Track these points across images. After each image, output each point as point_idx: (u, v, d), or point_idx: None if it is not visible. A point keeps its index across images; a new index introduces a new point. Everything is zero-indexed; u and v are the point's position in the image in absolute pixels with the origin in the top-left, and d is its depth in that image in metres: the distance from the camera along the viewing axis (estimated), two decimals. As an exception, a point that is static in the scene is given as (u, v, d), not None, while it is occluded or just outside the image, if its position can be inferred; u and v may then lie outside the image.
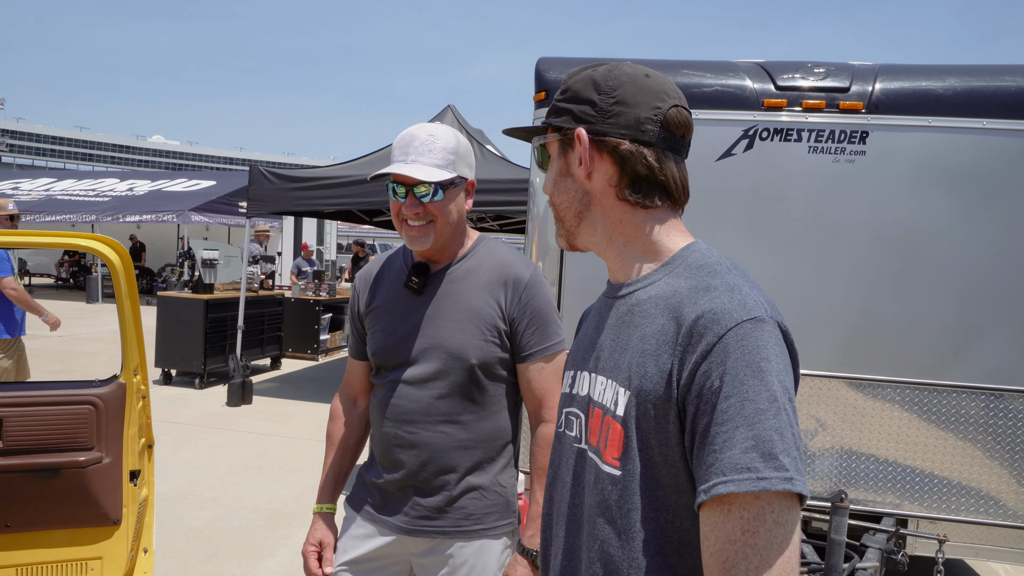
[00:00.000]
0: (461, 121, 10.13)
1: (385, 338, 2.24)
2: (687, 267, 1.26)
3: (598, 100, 1.31)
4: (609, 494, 1.22)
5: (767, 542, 1.02)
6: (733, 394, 1.06)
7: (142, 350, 3.42)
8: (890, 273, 4.25)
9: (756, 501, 1.02)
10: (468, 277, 2.22)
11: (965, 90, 4.17)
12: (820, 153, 4.28)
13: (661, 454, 1.16)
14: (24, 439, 3.15)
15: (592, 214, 1.36)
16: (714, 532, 1.05)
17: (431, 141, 2.13)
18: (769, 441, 1.03)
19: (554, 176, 1.41)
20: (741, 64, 4.52)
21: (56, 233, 3.22)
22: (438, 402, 2.17)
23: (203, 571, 4.73)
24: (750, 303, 1.13)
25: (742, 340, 1.09)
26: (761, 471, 1.01)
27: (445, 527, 2.21)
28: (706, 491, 1.05)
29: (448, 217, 2.17)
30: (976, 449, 4.24)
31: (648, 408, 1.17)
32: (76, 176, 27.44)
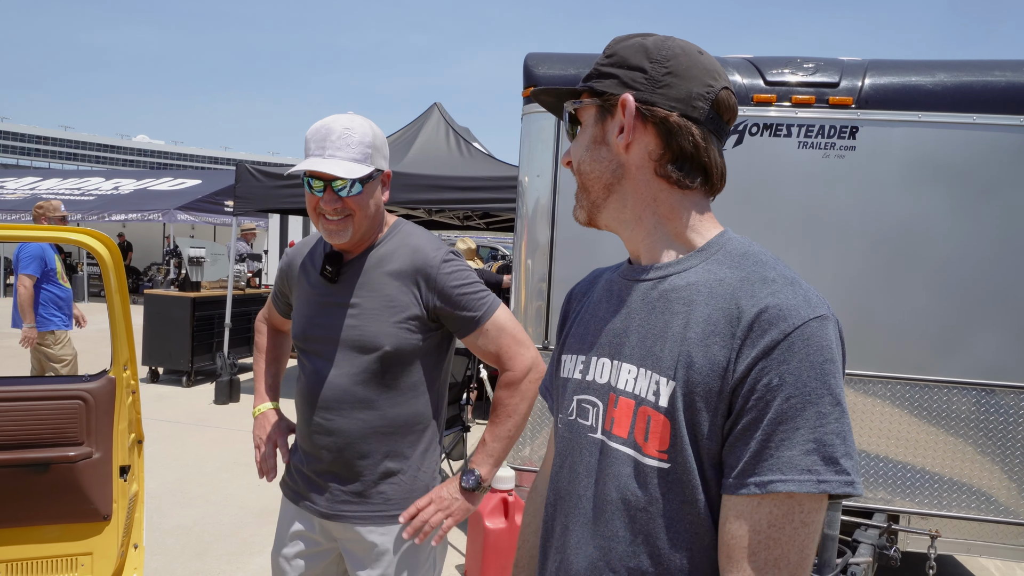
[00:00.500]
0: (448, 118, 10.12)
1: (305, 324, 2.28)
2: (727, 255, 1.22)
3: (649, 68, 1.24)
4: (654, 487, 1.16)
5: (790, 538, 1.03)
6: (795, 395, 1.04)
7: (132, 345, 3.40)
8: (880, 268, 4.26)
9: (789, 500, 1.03)
10: (382, 265, 2.23)
11: (954, 85, 4.19)
12: (810, 148, 4.30)
13: (707, 449, 1.12)
14: (13, 434, 3.13)
15: (623, 188, 1.28)
16: (740, 518, 1.06)
17: (348, 135, 2.12)
18: (831, 445, 1.02)
19: (586, 143, 1.31)
20: (730, 60, 4.53)
21: (47, 227, 3.19)
22: (354, 388, 2.19)
23: (192, 568, 4.70)
24: (814, 300, 1.11)
25: (808, 339, 1.06)
26: (822, 474, 1.01)
27: (365, 512, 2.23)
28: (760, 485, 1.04)
29: (366, 211, 2.18)
30: (967, 445, 4.26)
31: (696, 400, 1.12)
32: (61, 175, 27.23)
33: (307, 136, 2.16)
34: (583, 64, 4.62)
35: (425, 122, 9.99)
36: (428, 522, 2.17)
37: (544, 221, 4.66)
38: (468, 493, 2.22)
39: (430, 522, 2.17)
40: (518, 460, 4.80)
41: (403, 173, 8.30)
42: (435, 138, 9.66)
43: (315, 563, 2.35)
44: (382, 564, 2.22)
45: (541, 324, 4.69)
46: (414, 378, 2.24)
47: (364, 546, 2.23)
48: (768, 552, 1.03)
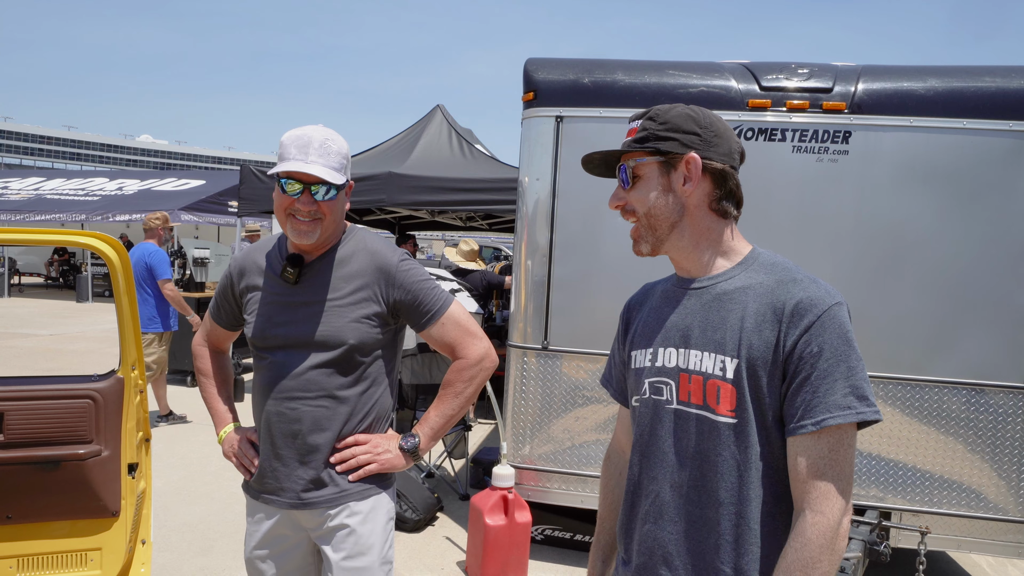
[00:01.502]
0: (450, 121, 10.18)
1: (264, 324, 2.39)
2: (761, 265, 1.67)
3: (701, 132, 1.67)
4: (727, 437, 1.60)
5: (844, 457, 1.50)
6: (832, 356, 1.50)
7: (139, 345, 3.48)
8: (873, 270, 4.34)
9: (838, 431, 1.49)
10: (342, 266, 2.39)
11: (946, 91, 4.27)
12: (804, 152, 4.38)
13: (770, 403, 1.57)
14: (25, 432, 3.21)
15: (683, 224, 1.70)
16: (807, 451, 1.51)
17: (328, 145, 2.28)
18: (861, 388, 1.50)
19: (654, 192, 1.70)
20: (726, 65, 4.61)
21: (54, 231, 3.28)
22: (317, 379, 2.33)
23: (198, 564, 4.79)
24: (832, 291, 1.57)
25: (834, 318, 1.52)
26: (858, 408, 1.49)
27: (329, 496, 2.36)
28: (816, 423, 1.49)
29: (335, 216, 2.35)
30: (958, 443, 4.34)
31: (757, 371, 1.57)
32: (65, 175, 27.31)
33: (285, 141, 2.30)
34: (580, 69, 4.70)
35: (428, 124, 10.07)
36: (356, 458, 2.36)
37: (544, 223, 4.75)
38: (403, 452, 2.41)
39: (358, 459, 2.36)
40: (518, 458, 4.88)
41: (406, 175, 8.38)
42: (438, 140, 9.73)
43: (288, 558, 2.46)
44: (349, 543, 2.36)
45: (541, 324, 4.77)
46: (372, 370, 2.41)
47: (332, 529, 2.37)
48: (832, 469, 1.49)
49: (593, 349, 4.71)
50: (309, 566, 2.51)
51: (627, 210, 1.75)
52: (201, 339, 2.75)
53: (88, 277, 21.93)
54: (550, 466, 4.86)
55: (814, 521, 1.47)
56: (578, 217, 4.69)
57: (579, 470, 4.81)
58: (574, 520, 5.22)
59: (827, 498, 1.48)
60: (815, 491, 1.49)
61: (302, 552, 2.47)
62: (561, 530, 5.30)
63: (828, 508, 1.47)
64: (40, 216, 20.81)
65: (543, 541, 5.31)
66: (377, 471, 2.37)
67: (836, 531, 1.47)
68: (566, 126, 4.69)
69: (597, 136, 4.61)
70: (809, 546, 1.47)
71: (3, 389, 3.21)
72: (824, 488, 1.48)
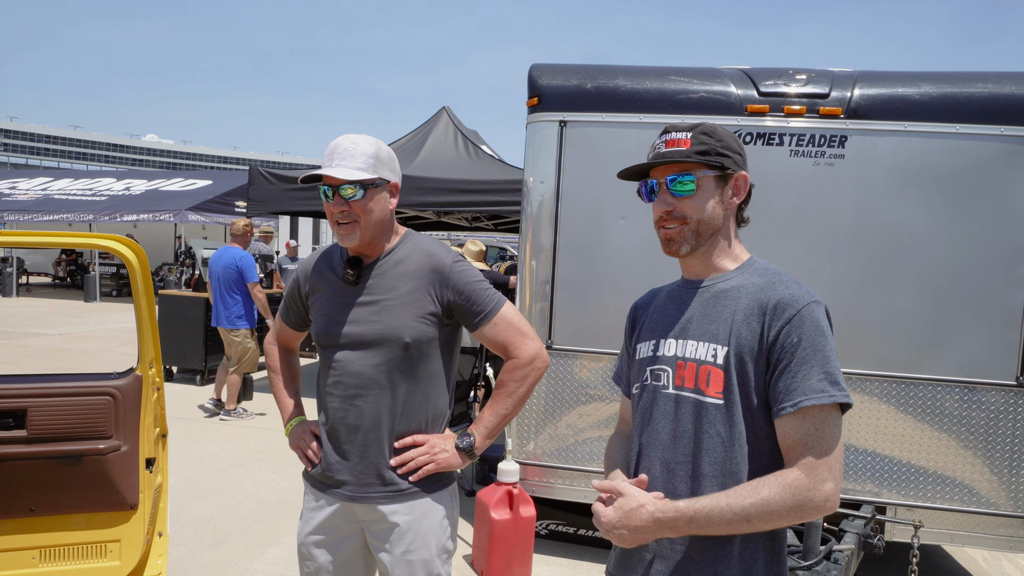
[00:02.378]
0: (456, 122, 10.28)
1: (327, 323, 2.52)
2: (756, 270, 1.89)
3: (742, 152, 1.92)
4: (715, 416, 1.79)
5: (829, 436, 1.67)
6: (809, 346, 1.69)
7: (157, 344, 3.61)
8: (869, 271, 4.45)
9: (820, 412, 1.67)
10: (398, 267, 2.49)
11: (939, 96, 4.37)
12: (801, 156, 4.49)
13: (755, 387, 1.76)
14: (47, 428, 3.33)
15: (719, 232, 1.92)
16: (793, 429, 1.69)
17: (353, 147, 2.40)
18: (834, 375, 1.69)
19: (710, 203, 1.88)
20: (726, 71, 4.72)
21: (73, 234, 3.40)
22: (377, 377, 2.44)
23: (211, 557, 4.91)
24: (811, 293, 1.77)
25: (811, 313, 1.72)
26: (830, 392, 1.67)
27: (387, 492, 2.46)
28: (793, 404, 1.68)
29: (370, 215, 2.43)
30: (952, 440, 4.44)
31: (744, 357, 1.76)
32: (73, 175, 27.46)
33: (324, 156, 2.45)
34: (584, 75, 4.81)
35: (434, 126, 10.17)
36: (415, 459, 2.45)
37: (548, 225, 4.86)
38: (460, 452, 2.49)
39: (416, 460, 2.45)
40: (523, 454, 4.99)
41: (413, 176, 8.48)
42: (444, 141, 9.83)
43: (341, 547, 2.56)
44: (404, 541, 2.46)
45: (544, 324, 4.88)
46: (430, 368, 2.50)
47: (387, 525, 2.47)
48: (819, 445, 1.66)
49: (596, 348, 4.82)
50: (359, 558, 2.60)
51: (674, 216, 1.89)
52: (272, 338, 2.90)
53: (96, 277, 22.05)
54: (554, 462, 4.97)
55: (796, 476, 1.66)
56: (581, 219, 4.80)
57: (583, 466, 4.92)
58: (578, 515, 5.33)
59: (815, 469, 1.65)
60: (804, 462, 1.66)
61: (355, 544, 2.57)
62: (565, 525, 5.40)
63: (814, 476, 1.65)
64: (48, 216, 20.94)
65: (547, 536, 5.41)
66: (435, 471, 2.47)
67: (811, 496, 1.64)
68: (569, 130, 4.80)
69: (600, 140, 4.73)
70: (781, 489, 1.66)
71: (26, 386, 3.34)
72: (811, 461, 1.66)
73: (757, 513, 1.66)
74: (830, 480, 1.65)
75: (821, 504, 1.65)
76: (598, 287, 4.79)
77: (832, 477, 1.66)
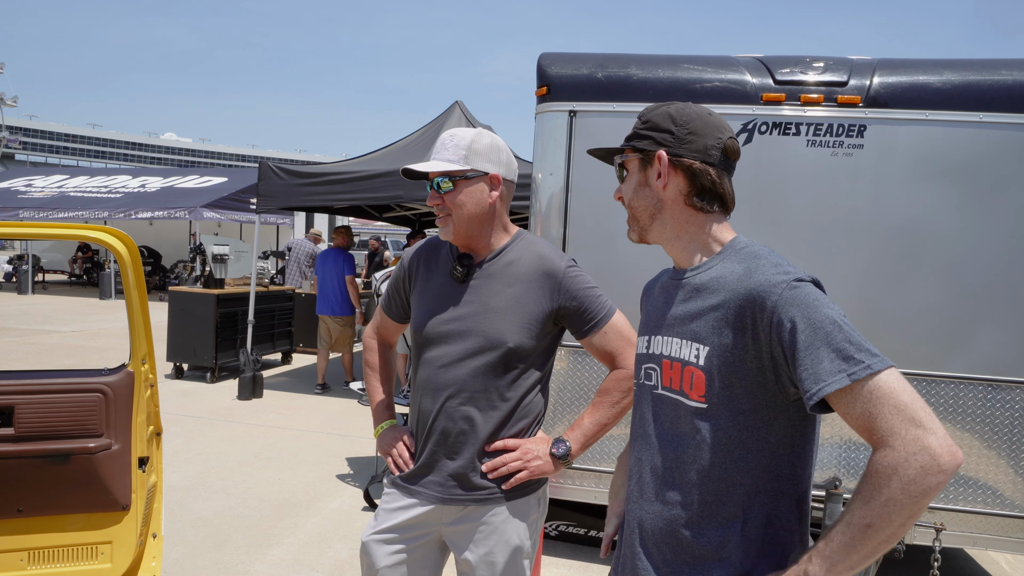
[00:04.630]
0: (468, 117, 10.17)
1: (428, 319, 2.44)
2: (735, 253, 1.71)
3: (675, 129, 1.75)
4: (697, 421, 1.66)
5: (890, 396, 1.42)
6: (806, 328, 1.49)
7: (150, 340, 3.50)
8: (888, 265, 4.30)
9: (860, 387, 1.43)
10: (509, 268, 2.42)
11: (962, 84, 4.21)
12: (818, 147, 4.34)
13: (741, 386, 1.61)
14: (35, 426, 3.24)
15: (663, 216, 1.80)
16: (847, 414, 1.47)
17: (449, 140, 2.37)
18: (844, 349, 1.46)
19: (634, 186, 1.83)
20: (740, 59, 4.58)
21: (65, 225, 3.30)
22: (472, 378, 2.35)
23: (212, 559, 4.81)
24: (791, 271, 1.58)
25: (794, 294, 1.53)
26: (849, 369, 1.44)
27: (477, 496, 2.39)
28: (814, 395, 1.47)
29: (462, 208, 2.37)
30: (974, 440, 4.29)
31: (727, 354, 1.61)
32: (89, 173, 27.52)
33: None
34: (594, 64, 4.68)
35: (446, 120, 10.06)
36: (507, 465, 2.37)
37: (557, 218, 4.73)
38: (554, 459, 2.41)
39: (509, 466, 2.37)
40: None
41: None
42: (455, 136, 9.71)
43: (415, 546, 2.46)
44: (488, 543, 2.39)
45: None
46: (527, 374, 2.42)
47: (472, 526, 2.40)
48: (884, 410, 1.42)
49: (606, 345, 4.68)
50: (428, 559, 2.51)
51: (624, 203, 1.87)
52: (372, 331, 2.81)
53: (111, 274, 22.11)
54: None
55: (882, 454, 1.40)
56: (591, 212, 4.67)
57: (593, 466, 4.79)
58: (588, 516, 5.22)
59: (893, 434, 1.40)
60: (878, 435, 1.42)
61: (427, 545, 2.48)
62: (575, 526, 5.29)
63: (897, 441, 1.39)
64: (64, 213, 20.99)
65: (557, 537, 5.30)
66: (527, 479, 2.39)
67: (909, 461, 1.36)
68: (579, 121, 4.67)
69: (610, 130, 4.58)
70: (873, 477, 1.41)
71: (14, 383, 3.24)
72: (885, 428, 1.41)
73: (878, 516, 1.40)
74: (920, 429, 1.38)
75: (931, 463, 1.35)
76: (608, 282, 4.65)
77: (922, 425, 1.38)
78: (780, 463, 1.64)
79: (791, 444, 1.64)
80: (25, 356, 11.64)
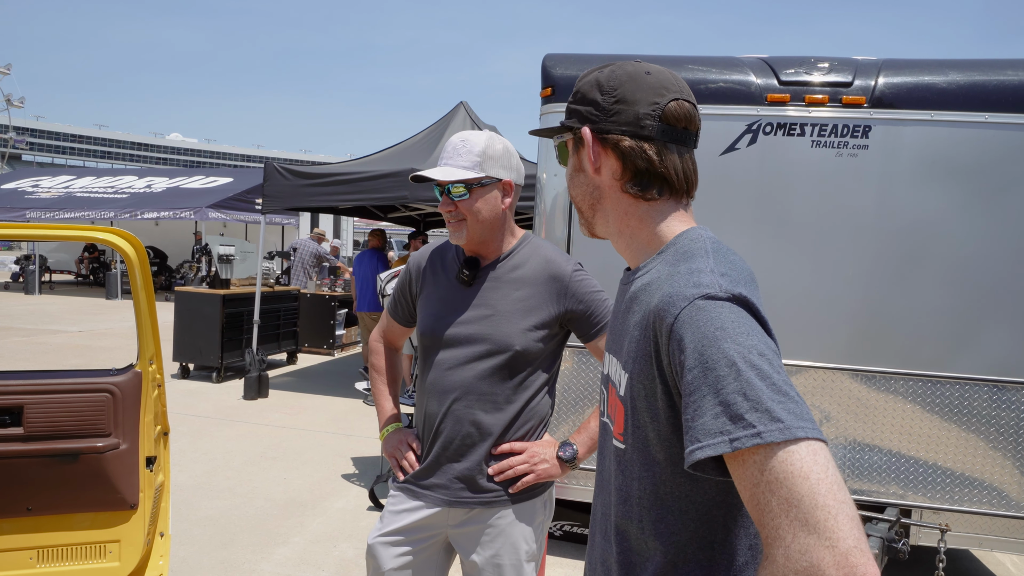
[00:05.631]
0: (473, 117, 10.18)
1: (435, 322, 2.43)
2: (674, 253, 1.34)
3: (601, 100, 1.40)
4: (619, 464, 1.36)
5: (787, 478, 1.00)
6: (695, 366, 1.11)
7: (157, 340, 3.52)
8: (894, 266, 4.30)
9: (746, 458, 1.04)
10: (515, 272, 2.41)
11: (967, 84, 4.22)
12: (823, 147, 4.34)
13: (654, 430, 1.26)
14: (44, 425, 3.26)
15: (604, 206, 1.47)
16: (738, 482, 1.07)
17: (462, 146, 2.33)
18: (734, 404, 1.05)
19: (570, 172, 1.52)
20: (745, 59, 4.58)
21: (73, 227, 3.32)
22: (481, 383, 2.35)
23: (218, 558, 4.83)
24: (704, 282, 1.19)
25: (694, 316, 1.14)
26: (733, 432, 1.04)
27: (483, 498, 2.38)
28: (687, 456, 1.10)
29: (477, 215, 2.35)
30: (980, 440, 4.28)
31: (639, 387, 1.26)
32: (95, 173, 27.61)
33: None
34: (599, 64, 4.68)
35: (451, 121, 10.07)
36: (514, 468, 2.36)
37: (561, 219, 4.74)
38: (561, 462, 2.41)
39: (515, 469, 2.36)
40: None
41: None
42: (460, 137, 9.72)
43: (420, 548, 2.45)
44: (495, 545, 2.39)
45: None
46: (533, 377, 2.41)
47: (478, 528, 2.40)
48: (774, 497, 1.01)
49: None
50: (434, 561, 2.51)
51: None
52: (378, 335, 2.80)
53: (117, 274, 22.15)
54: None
55: (762, 566, 1.03)
56: (596, 213, 4.66)
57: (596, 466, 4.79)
58: (592, 516, 5.21)
59: (777, 539, 0.99)
60: (763, 534, 1.03)
61: (433, 547, 2.48)
62: (580, 526, 5.29)
63: (779, 551, 0.99)
64: (70, 214, 21.06)
65: (562, 537, 5.31)
66: (534, 482, 2.39)
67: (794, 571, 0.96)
68: (584, 122, 4.67)
69: (615, 131, 4.59)
70: None
71: (23, 383, 3.26)
72: (770, 528, 1.01)
73: None
74: (813, 536, 0.95)
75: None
76: (613, 285, 4.65)
77: (816, 531, 0.95)
78: (713, 528, 1.27)
79: (727, 505, 1.27)
80: (32, 356, 11.68)
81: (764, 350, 1.10)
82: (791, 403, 1.05)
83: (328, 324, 13.31)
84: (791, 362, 4.37)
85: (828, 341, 4.37)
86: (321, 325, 13.31)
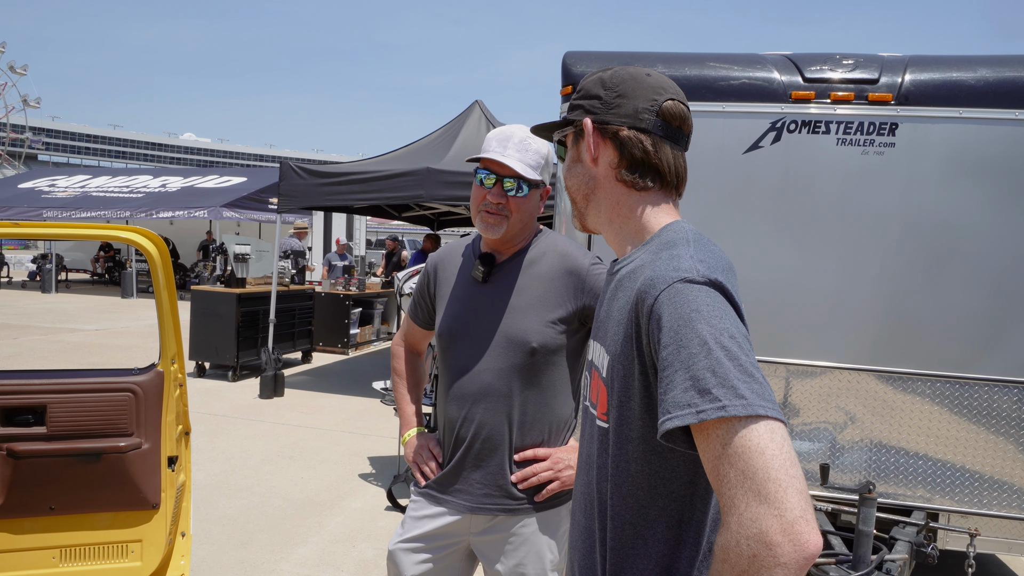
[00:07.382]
0: (488, 116, 10.16)
1: (452, 322, 2.39)
2: (658, 243, 1.44)
3: (603, 94, 1.52)
4: (602, 443, 1.43)
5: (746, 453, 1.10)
6: (670, 343, 1.21)
7: (179, 340, 3.50)
8: (920, 266, 4.24)
9: (718, 426, 1.13)
10: (531, 267, 2.37)
11: (997, 81, 4.15)
12: (849, 145, 4.28)
13: (629, 409, 1.35)
14: (67, 425, 3.24)
15: (597, 197, 1.56)
16: (702, 454, 1.17)
17: (528, 142, 2.31)
18: (703, 379, 1.15)
19: (568, 163, 1.62)
20: (769, 56, 4.53)
21: (96, 225, 3.30)
22: (499, 384, 2.30)
23: (238, 557, 4.81)
24: (684, 267, 1.28)
25: (672, 298, 1.24)
26: (700, 405, 1.14)
27: (507, 505, 2.33)
28: (659, 426, 1.20)
29: (523, 214, 2.34)
30: (1008, 443, 4.22)
31: (619, 367, 1.36)
32: (111, 173, 27.75)
33: (488, 136, 2.37)
34: (620, 62, 4.65)
35: (466, 120, 10.05)
36: (538, 475, 2.31)
37: (582, 218, 4.70)
38: None
39: (539, 476, 2.31)
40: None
41: (444, 170, 8.41)
42: (476, 136, 9.71)
43: (442, 555, 2.41)
44: (519, 554, 2.34)
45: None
46: (554, 376, 2.35)
47: (502, 536, 2.35)
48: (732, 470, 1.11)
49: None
50: (455, 568, 2.46)
51: None
52: (400, 339, 2.77)
53: (133, 273, 22.26)
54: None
55: (720, 532, 1.14)
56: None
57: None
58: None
59: (732, 507, 1.10)
60: (722, 503, 1.13)
61: (457, 554, 2.44)
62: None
63: (733, 519, 1.09)
64: (86, 213, 21.18)
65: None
66: (559, 490, 2.34)
67: (740, 547, 1.08)
68: (606, 120, 4.63)
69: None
70: (712, 558, 1.17)
71: (46, 382, 3.25)
72: (727, 497, 1.11)
73: None
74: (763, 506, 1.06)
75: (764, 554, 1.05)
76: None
77: (767, 501, 1.06)
78: (681, 507, 1.36)
79: (694, 484, 1.35)
80: (51, 354, 11.71)
81: (735, 333, 1.20)
82: (755, 384, 1.15)
83: (343, 323, 13.30)
84: (816, 363, 4.32)
85: (854, 342, 4.31)
86: (336, 324, 13.31)
